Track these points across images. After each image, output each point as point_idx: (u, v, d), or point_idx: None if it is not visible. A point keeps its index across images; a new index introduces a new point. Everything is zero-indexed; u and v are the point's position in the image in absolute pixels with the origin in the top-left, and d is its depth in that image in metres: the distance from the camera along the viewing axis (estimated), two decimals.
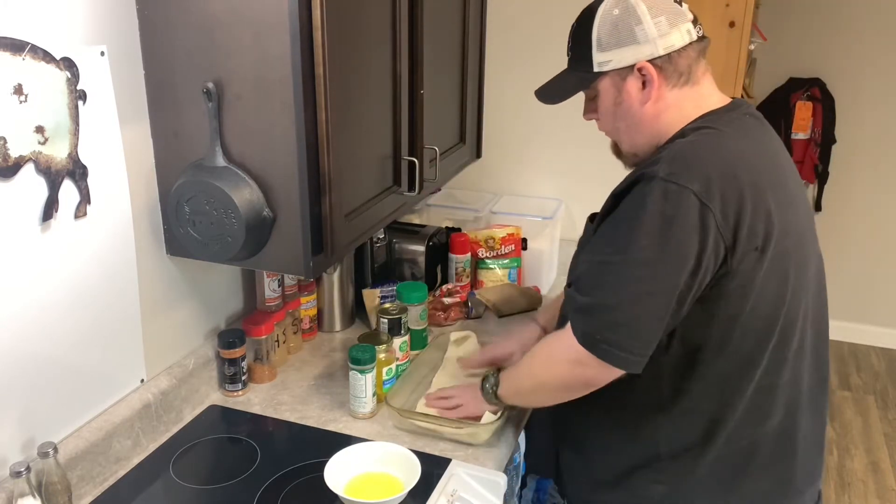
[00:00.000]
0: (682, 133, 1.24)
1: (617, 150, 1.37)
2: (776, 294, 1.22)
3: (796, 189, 1.30)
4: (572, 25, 1.31)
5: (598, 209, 1.37)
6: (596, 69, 1.27)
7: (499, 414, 1.50)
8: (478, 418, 1.50)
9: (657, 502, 1.31)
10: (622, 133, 1.33)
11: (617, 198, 1.22)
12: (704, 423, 1.26)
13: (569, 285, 1.28)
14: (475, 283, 2.16)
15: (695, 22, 1.27)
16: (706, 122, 1.25)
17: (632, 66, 1.24)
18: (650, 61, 1.23)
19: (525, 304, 2.07)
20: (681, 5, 1.26)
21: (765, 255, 1.18)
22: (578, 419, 1.41)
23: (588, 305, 1.20)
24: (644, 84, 1.25)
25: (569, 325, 1.23)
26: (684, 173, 1.14)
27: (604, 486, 1.37)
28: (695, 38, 1.25)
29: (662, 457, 1.29)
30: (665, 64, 1.24)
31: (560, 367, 1.27)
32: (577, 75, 1.31)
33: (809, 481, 1.37)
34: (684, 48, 1.24)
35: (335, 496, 1.30)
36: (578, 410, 1.39)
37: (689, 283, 1.14)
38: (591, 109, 1.35)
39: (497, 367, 1.51)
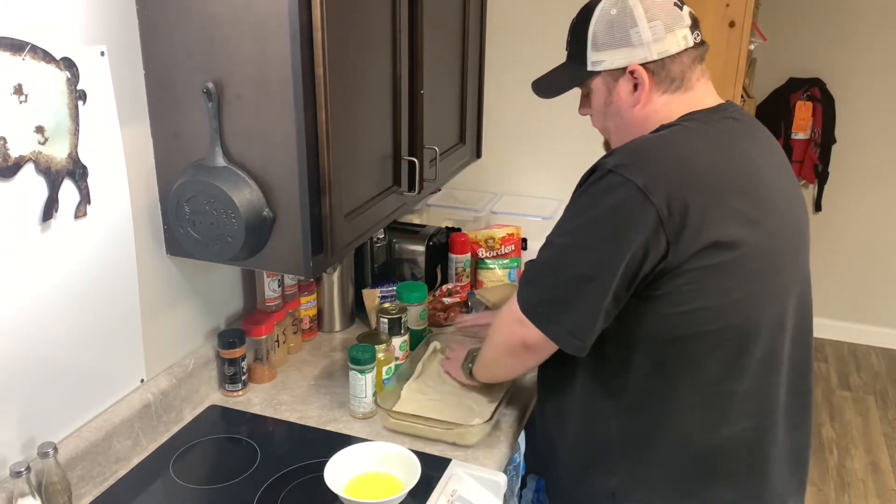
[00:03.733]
0: (658, 131, 1.25)
1: (608, 147, 1.38)
2: (728, 298, 1.19)
3: (776, 195, 1.26)
4: (573, 19, 1.33)
5: None
6: (589, 68, 1.29)
7: (488, 417, 1.50)
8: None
9: (611, 494, 1.31)
10: (612, 133, 1.35)
11: (580, 184, 1.26)
12: (652, 419, 1.27)
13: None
14: (475, 283, 2.17)
15: (693, 27, 1.26)
16: (680, 121, 1.25)
17: (624, 69, 1.25)
18: (643, 65, 1.24)
19: None
20: (681, 9, 1.26)
21: (713, 256, 1.16)
22: (544, 411, 1.45)
23: (533, 279, 1.27)
24: (635, 87, 1.26)
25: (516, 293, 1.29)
26: (631, 166, 1.15)
27: (567, 477, 1.40)
28: (691, 44, 1.25)
29: (615, 447, 1.30)
30: (658, 69, 1.24)
31: (505, 326, 1.33)
32: (571, 71, 1.33)
33: (785, 498, 1.35)
34: (679, 54, 1.24)
35: (335, 496, 1.30)
36: (546, 403, 1.44)
37: (626, 273, 1.16)
38: (585, 105, 1.37)
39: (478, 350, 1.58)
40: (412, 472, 1.34)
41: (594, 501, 1.34)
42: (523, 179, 2.48)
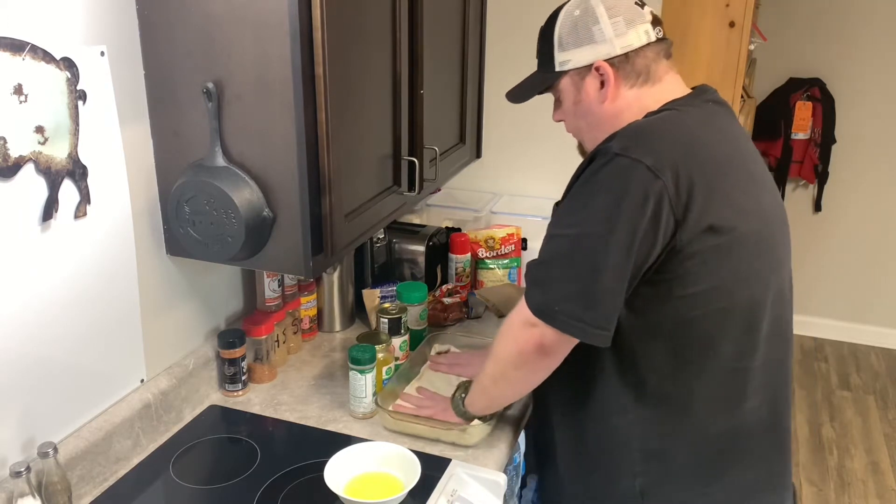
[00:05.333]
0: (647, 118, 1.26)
1: (583, 151, 1.39)
2: (736, 274, 1.21)
3: (762, 173, 1.31)
4: (541, 27, 1.36)
5: None
6: (557, 68, 1.32)
7: (488, 416, 1.49)
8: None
9: (638, 495, 1.30)
10: (584, 132, 1.35)
11: (577, 175, 1.24)
12: (674, 408, 1.26)
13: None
14: (475, 283, 2.16)
15: (654, 23, 1.29)
16: (666, 107, 1.27)
17: (590, 66, 1.28)
18: (607, 60, 1.26)
19: None
20: (641, 7, 1.29)
21: (720, 233, 1.18)
22: (551, 422, 1.41)
23: (544, 278, 1.21)
24: (602, 83, 1.28)
25: (523, 297, 1.24)
26: (637, 147, 1.15)
27: (585, 485, 1.37)
28: (653, 38, 1.28)
29: (637, 445, 1.29)
30: (622, 63, 1.27)
31: (514, 333, 1.26)
32: (540, 75, 1.36)
33: (789, 474, 1.38)
34: (641, 48, 1.27)
35: (335, 496, 1.30)
36: (550, 415, 1.41)
37: (639, 254, 1.15)
38: (558, 109, 1.38)
39: (469, 380, 1.49)
40: (412, 472, 1.33)
41: None
42: (523, 179, 2.48)
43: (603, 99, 1.28)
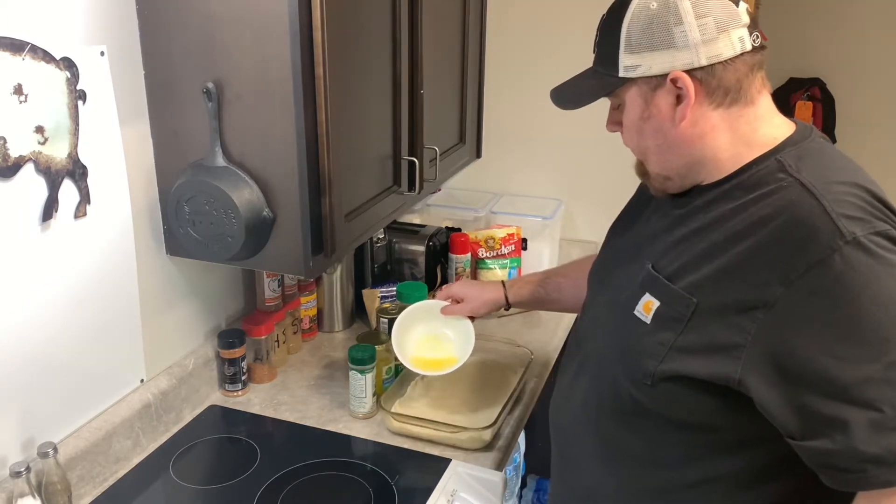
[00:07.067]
0: (782, 167, 1.03)
1: (642, 171, 1.16)
2: None
3: None
4: (603, 15, 1.09)
5: (598, 209, 1.33)
6: (621, 73, 1.05)
7: (493, 418, 1.50)
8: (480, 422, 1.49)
9: None
10: (650, 153, 1.11)
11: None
12: None
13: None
14: None
15: (751, 27, 1.03)
16: (790, 150, 1.05)
17: (664, 76, 1.02)
18: (688, 72, 1.01)
19: None
20: (737, 5, 1.03)
21: None
22: None
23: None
24: (679, 99, 1.03)
25: (887, 493, 0.90)
26: (877, 218, 1.00)
27: None
28: (748, 47, 1.02)
29: None
30: (706, 77, 1.01)
31: None
32: (598, 78, 1.09)
33: None
34: (732, 60, 1.01)
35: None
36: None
37: None
38: (615, 120, 1.13)
39: None
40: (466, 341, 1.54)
41: None
42: (523, 179, 2.48)
43: (680, 118, 1.03)
